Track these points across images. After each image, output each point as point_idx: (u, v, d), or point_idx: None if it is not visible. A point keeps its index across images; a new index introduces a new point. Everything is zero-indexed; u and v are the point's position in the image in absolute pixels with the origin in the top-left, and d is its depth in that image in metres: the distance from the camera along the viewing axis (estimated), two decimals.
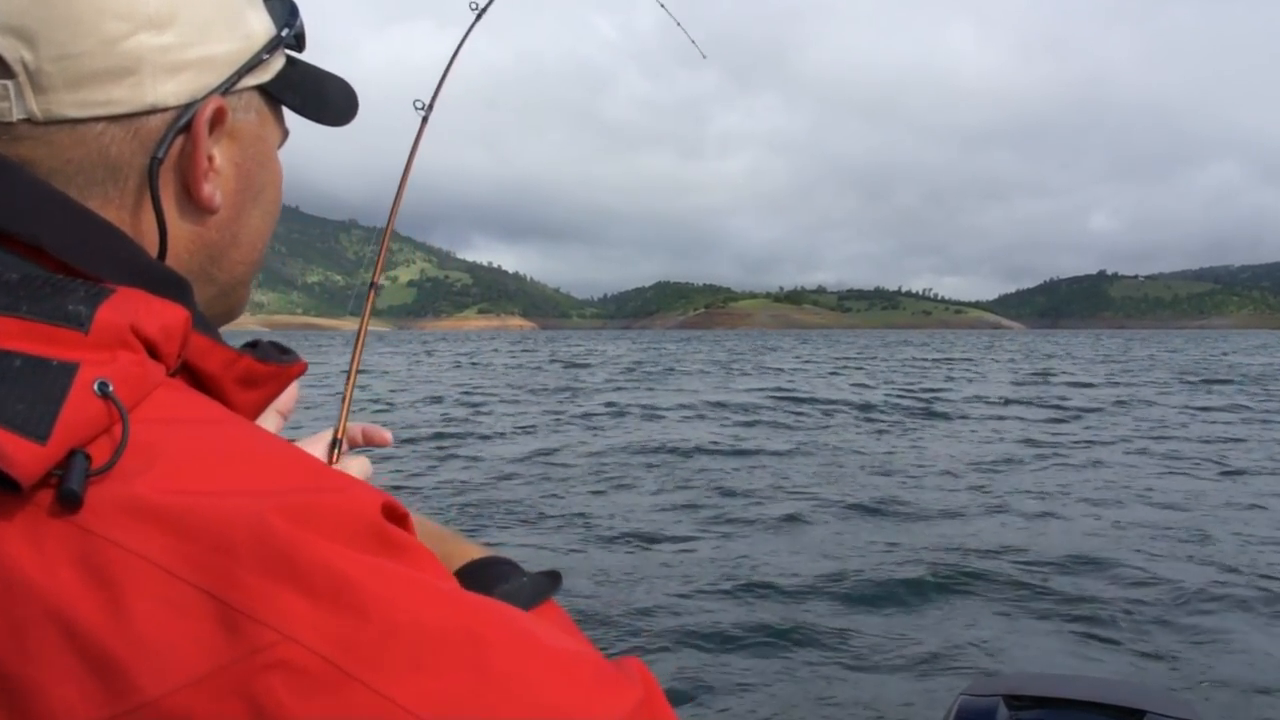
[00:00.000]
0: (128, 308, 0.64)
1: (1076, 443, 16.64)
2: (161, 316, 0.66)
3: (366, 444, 1.13)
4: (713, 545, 9.27)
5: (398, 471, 13.29)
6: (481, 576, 0.81)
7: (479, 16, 1.37)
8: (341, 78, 0.91)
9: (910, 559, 8.59)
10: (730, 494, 11.76)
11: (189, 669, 0.52)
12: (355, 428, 1.14)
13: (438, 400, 26.29)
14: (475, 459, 14.60)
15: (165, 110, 0.72)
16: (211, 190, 0.76)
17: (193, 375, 0.73)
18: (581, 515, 10.50)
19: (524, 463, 14.22)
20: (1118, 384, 33.74)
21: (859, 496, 11.48)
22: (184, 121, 0.73)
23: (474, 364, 50.17)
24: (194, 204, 0.76)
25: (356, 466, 1.10)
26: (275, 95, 0.83)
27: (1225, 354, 69.48)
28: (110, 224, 0.70)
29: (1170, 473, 13.61)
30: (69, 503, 0.55)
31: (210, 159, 0.76)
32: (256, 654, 0.53)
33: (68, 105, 0.68)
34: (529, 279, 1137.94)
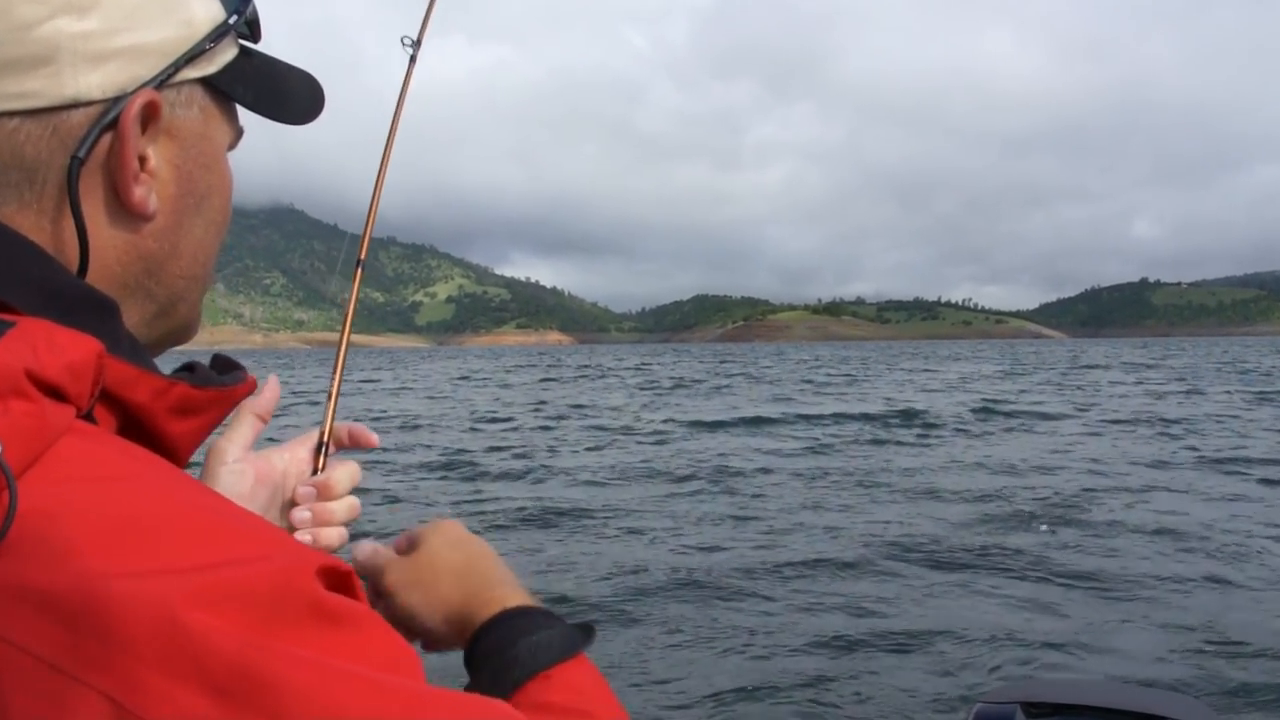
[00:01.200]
0: (21, 349, 0.56)
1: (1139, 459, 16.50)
2: (66, 352, 0.59)
3: (352, 445, 1.06)
4: (729, 549, 9.46)
5: (477, 492, 13.03)
6: (509, 627, 0.79)
7: (413, 60, 1.24)
8: (304, 71, 0.85)
9: (928, 565, 8.57)
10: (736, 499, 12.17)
11: None
12: (341, 428, 1.04)
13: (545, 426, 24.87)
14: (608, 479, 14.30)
15: (89, 104, 0.66)
16: (144, 194, 0.69)
17: (119, 406, 0.66)
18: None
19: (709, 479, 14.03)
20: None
21: (873, 507, 11.59)
22: (111, 117, 0.66)
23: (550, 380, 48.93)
24: (125, 210, 0.69)
25: (344, 472, 1.00)
26: (223, 89, 0.76)
27: None
28: (20, 237, 0.64)
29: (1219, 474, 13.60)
30: None
31: (143, 159, 0.69)
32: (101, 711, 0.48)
33: None
34: (567, 293, 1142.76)
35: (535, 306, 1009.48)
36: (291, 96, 0.82)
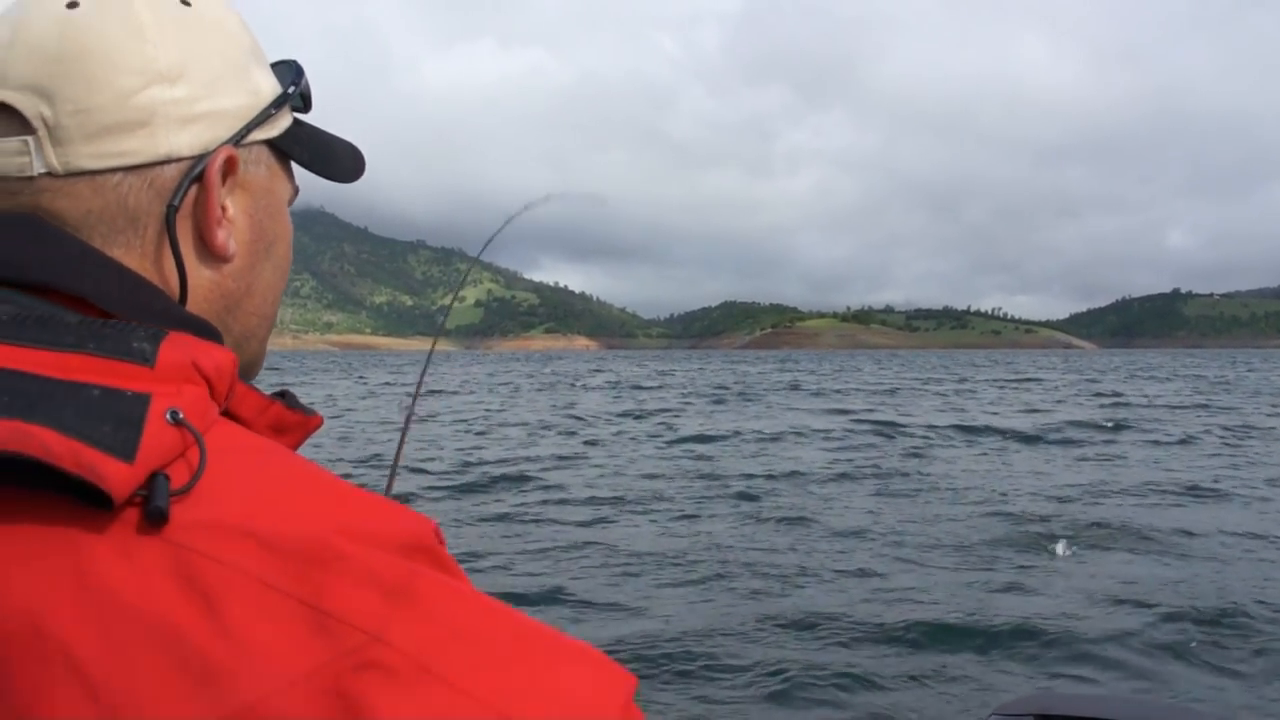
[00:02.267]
0: (186, 346, 0.68)
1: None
2: (214, 356, 0.70)
3: None
4: (745, 548, 9.80)
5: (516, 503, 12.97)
6: None
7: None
8: (347, 140, 0.95)
9: (945, 577, 8.67)
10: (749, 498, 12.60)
11: (287, 671, 0.56)
12: None
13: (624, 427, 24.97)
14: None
15: (179, 160, 0.75)
16: (225, 238, 0.79)
17: (228, 415, 0.75)
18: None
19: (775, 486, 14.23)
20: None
21: (895, 516, 11.75)
22: (197, 171, 0.76)
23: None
24: (210, 251, 0.79)
25: None
26: (283, 150, 0.87)
27: None
28: (140, 276, 0.74)
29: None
30: (157, 520, 0.60)
31: (223, 208, 0.79)
32: (348, 655, 0.57)
33: (86, 157, 0.71)
34: (595, 299, 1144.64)
35: (563, 311, 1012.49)
36: (338, 158, 0.93)
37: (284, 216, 0.88)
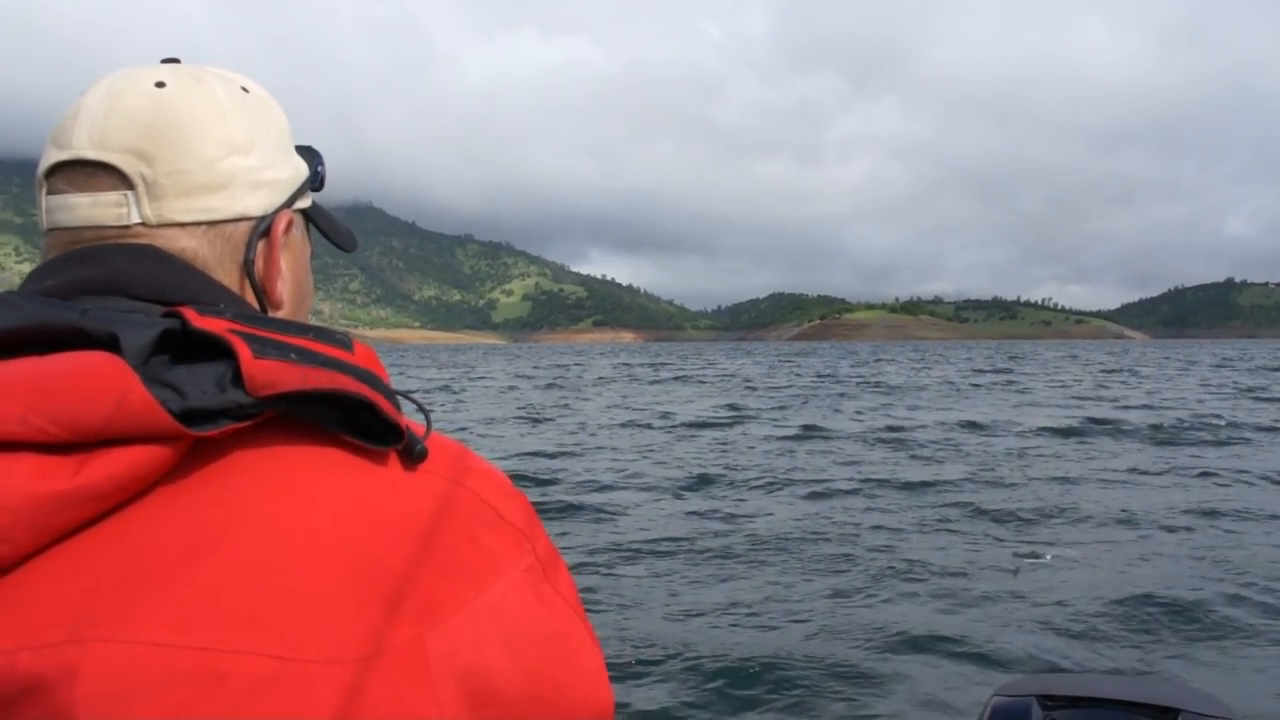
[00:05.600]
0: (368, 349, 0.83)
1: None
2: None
3: None
4: (756, 522, 10.29)
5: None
6: None
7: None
8: (343, 222, 1.10)
9: (945, 560, 8.90)
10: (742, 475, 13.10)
11: (508, 567, 0.78)
12: None
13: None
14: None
15: (249, 219, 0.89)
16: (281, 287, 0.93)
17: None
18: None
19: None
20: None
21: (905, 502, 12.02)
22: (263, 229, 0.90)
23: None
24: (268, 299, 0.92)
25: None
26: (311, 218, 1.01)
27: None
28: (246, 301, 0.90)
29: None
30: (421, 457, 0.78)
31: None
32: (530, 560, 0.81)
33: (178, 211, 0.84)
34: (642, 291, 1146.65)
35: (611, 304, 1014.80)
36: (343, 231, 1.07)
37: (310, 274, 1.01)
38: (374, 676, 0.65)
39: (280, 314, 0.94)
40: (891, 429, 21.11)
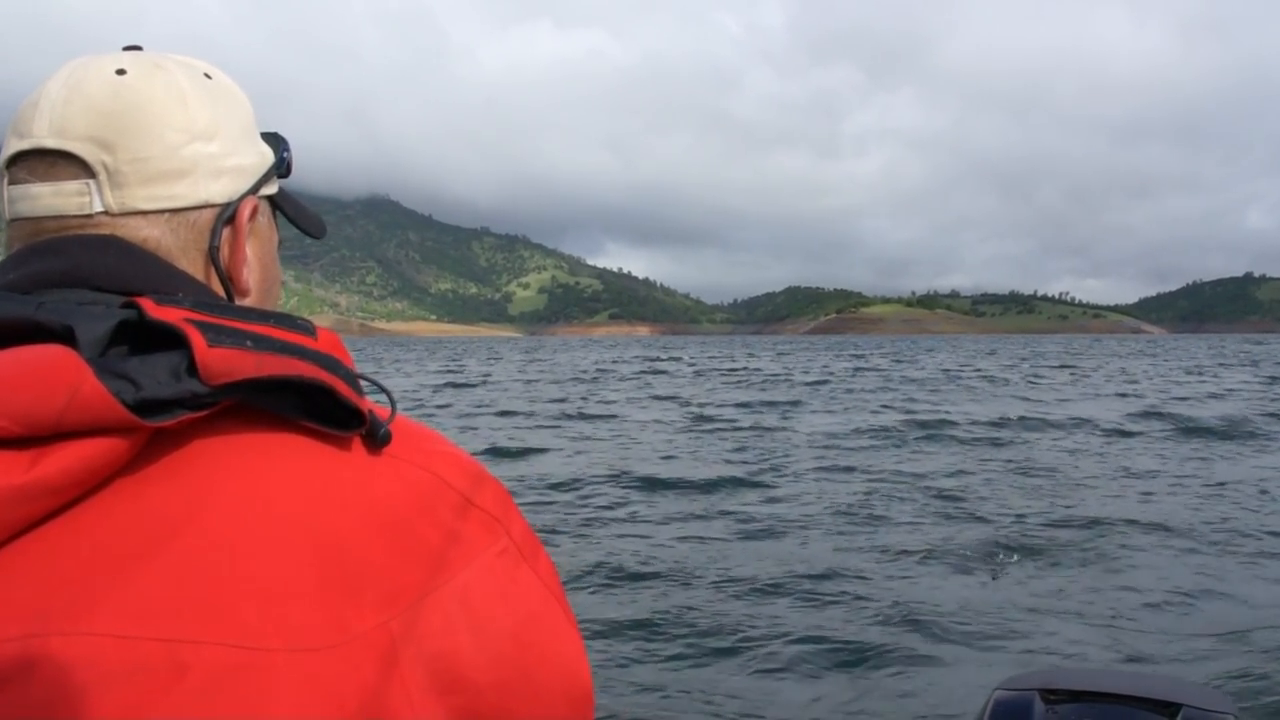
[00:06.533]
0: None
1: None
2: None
3: None
4: (746, 533, 9.99)
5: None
6: None
7: None
8: (311, 208, 1.10)
9: (949, 554, 8.90)
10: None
11: (478, 551, 0.78)
12: None
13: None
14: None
15: (213, 206, 0.88)
16: (247, 274, 0.92)
17: None
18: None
19: None
20: None
21: (911, 500, 11.91)
22: (227, 216, 0.89)
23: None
24: (234, 286, 0.91)
25: None
26: (277, 205, 1.01)
27: None
28: (211, 289, 0.88)
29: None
30: (385, 441, 0.77)
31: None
32: (503, 545, 0.80)
33: (140, 199, 0.84)
34: (659, 284, 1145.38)
35: (627, 298, 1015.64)
36: (311, 217, 1.07)
37: (278, 261, 1.00)
38: (339, 665, 0.65)
39: (247, 301, 0.93)
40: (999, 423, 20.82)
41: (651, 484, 13.12)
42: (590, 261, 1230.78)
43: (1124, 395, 30.58)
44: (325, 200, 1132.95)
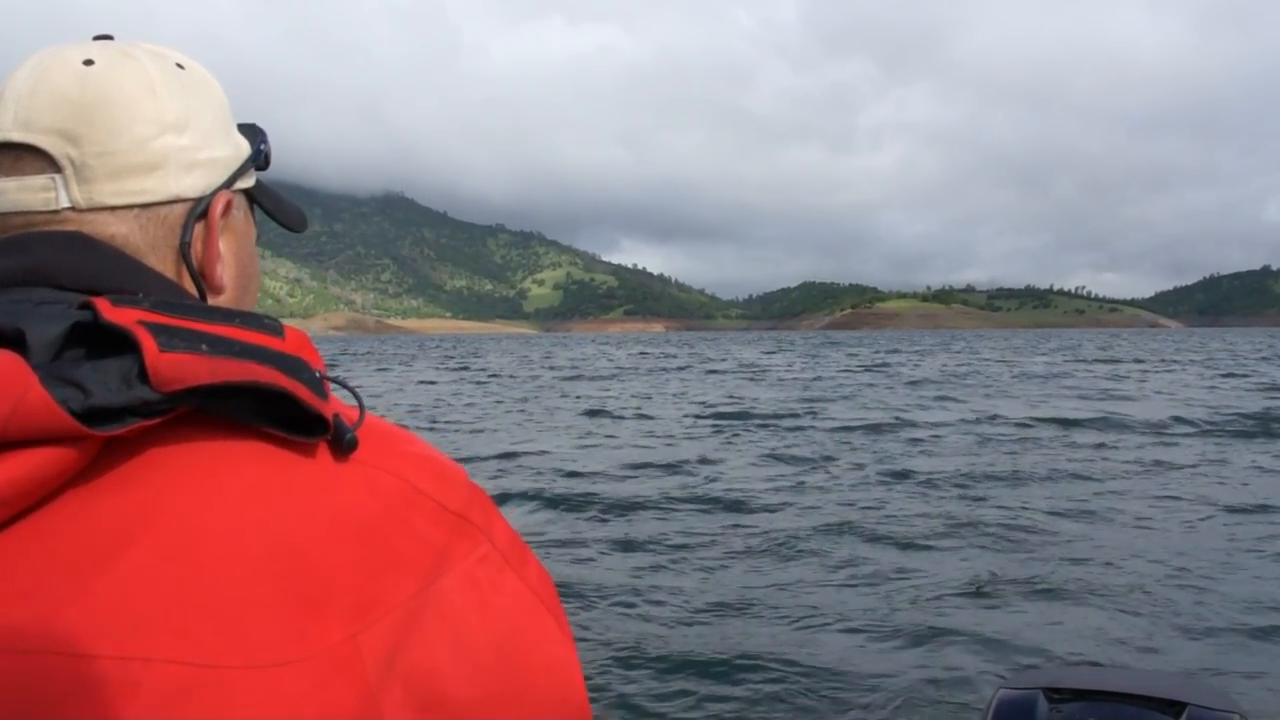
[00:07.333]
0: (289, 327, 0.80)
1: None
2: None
3: None
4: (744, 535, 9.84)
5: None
6: None
7: None
8: (292, 201, 1.07)
9: (946, 552, 8.92)
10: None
11: (456, 559, 0.75)
12: None
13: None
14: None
15: (185, 201, 0.85)
16: (221, 271, 0.88)
17: None
18: None
19: None
20: None
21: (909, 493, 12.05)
22: (199, 211, 0.86)
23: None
24: (208, 283, 0.88)
25: None
26: (255, 199, 0.97)
27: None
28: (181, 286, 0.85)
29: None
30: (351, 447, 0.74)
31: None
32: (484, 552, 0.78)
33: (108, 194, 0.80)
34: (673, 280, 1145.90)
35: (642, 294, 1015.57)
36: (290, 211, 1.04)
37: (256, 257, 0.97)
38: (301, 681, 0.63)
39: (222, 299, 0.90)
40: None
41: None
42: (605, 258, 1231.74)
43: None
44: (340, 198, 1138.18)
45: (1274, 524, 10.07)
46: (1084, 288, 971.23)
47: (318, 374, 0.76)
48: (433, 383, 39.72)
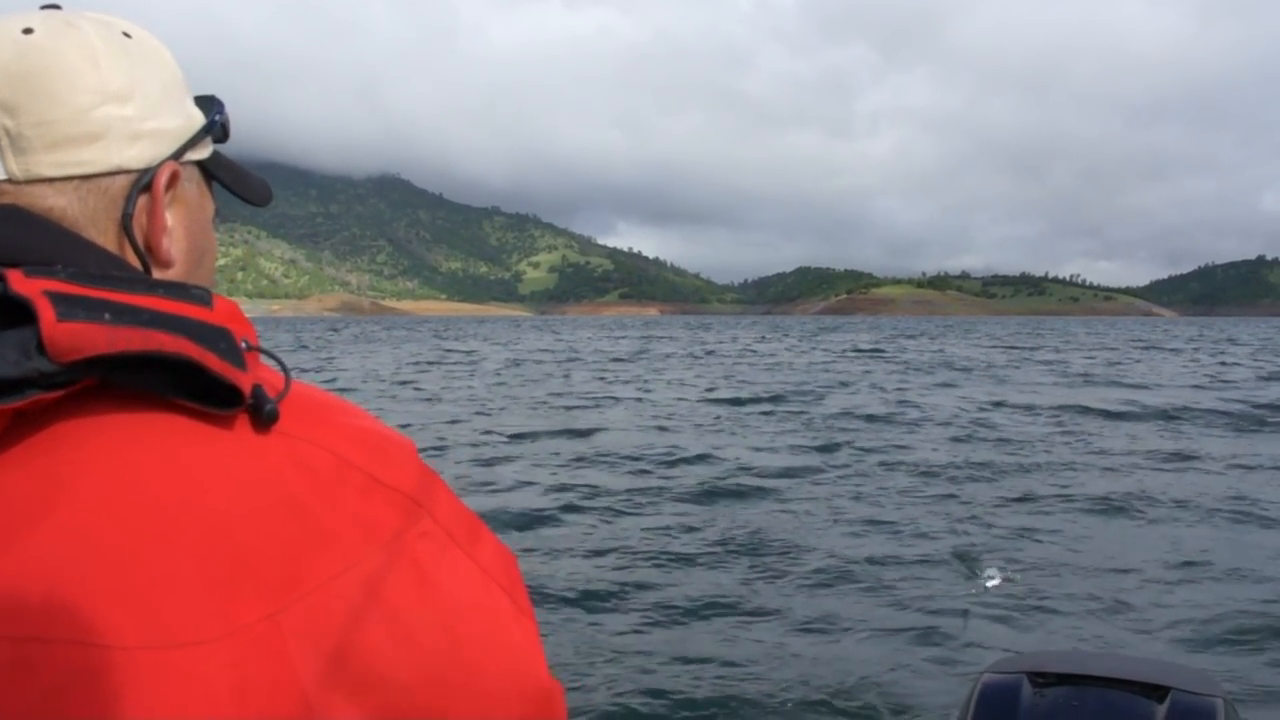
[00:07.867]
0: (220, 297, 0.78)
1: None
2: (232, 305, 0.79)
3: None
4: (710, 512, 10.19)
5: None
6: None
7: None
8: (257, 173, 1.04)
9: (933, 539, 9.00)
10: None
11: (389, 535, 0.73)
12: None
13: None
14: None
15: (129, 172, 0.82)
16: (169, 245, 0.85)
17: None
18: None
19: None
20: None
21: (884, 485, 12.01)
22: (144, 182, 0.83)
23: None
24: (154, 257, 0.85)
25: None
26: (210, 171, 0.94)
27: None
28: (121, 258, 0.82)
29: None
30: (271, 418, 0.72)
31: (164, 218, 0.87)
32: (423, 528, 0.76)
33: (46, 165, 0.78)
34: (669, 264, 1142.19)
35: (637, 277, 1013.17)
36: (252, 183, 1.01)
37: (211, 231, 0.95)
38: (214, 661, 0.61)
39: (170, 273, 0.87)
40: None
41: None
42: (601, 241, 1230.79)
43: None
44: (336, 179, 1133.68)
45: (1261, 514, 10.21)
46: (1079, 275, 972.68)
47: (242, 344, 0.74)
48: (424, 364, 39.82)
